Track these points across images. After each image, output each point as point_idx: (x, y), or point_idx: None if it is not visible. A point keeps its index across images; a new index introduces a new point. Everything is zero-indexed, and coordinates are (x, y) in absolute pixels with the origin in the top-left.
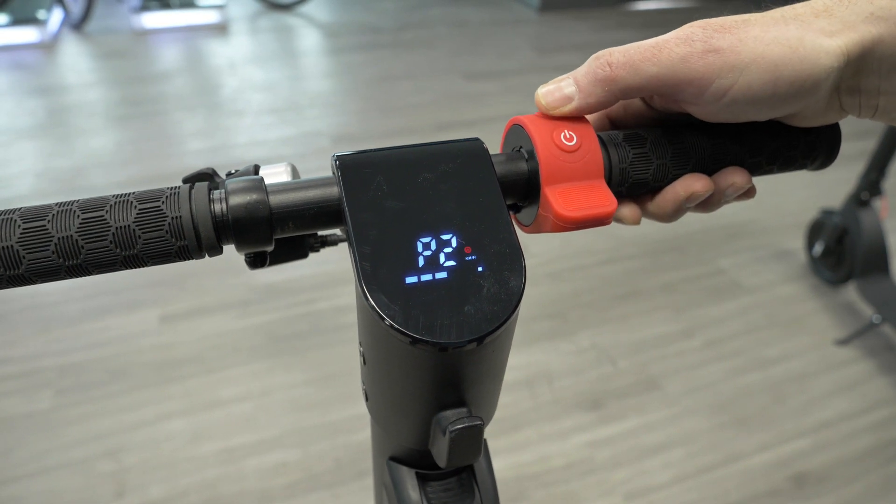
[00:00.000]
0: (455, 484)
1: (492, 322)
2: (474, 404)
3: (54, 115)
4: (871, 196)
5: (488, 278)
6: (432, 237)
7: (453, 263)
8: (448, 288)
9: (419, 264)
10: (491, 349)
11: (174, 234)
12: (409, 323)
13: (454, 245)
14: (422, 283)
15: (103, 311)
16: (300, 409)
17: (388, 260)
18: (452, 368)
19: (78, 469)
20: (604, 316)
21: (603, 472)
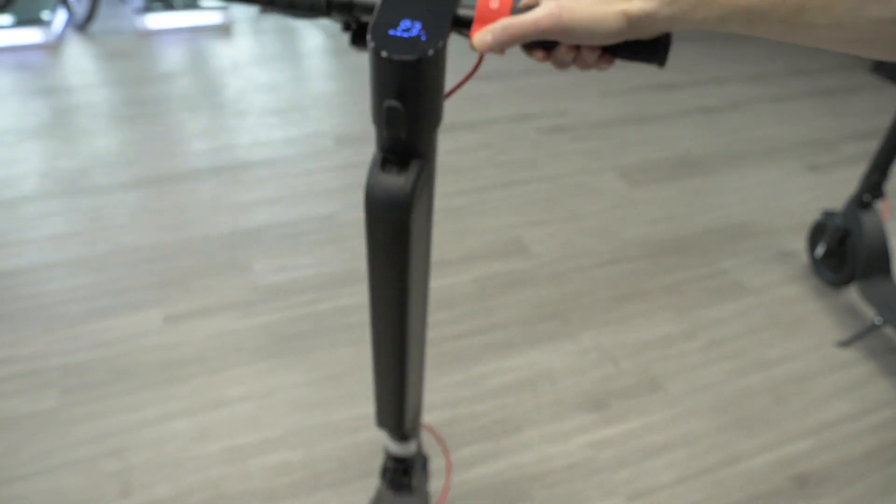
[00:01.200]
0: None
1: (415, 54)
2: (409, 107)
3: (59, 116)
4: (873, 198)
5: (426, 43)
6: (410, 21)
7: (413, 34)
8: (404, 41)
9: (398, 29)
10: (414, 70)
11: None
12: (380, 47)
13: (418, 28)
14: (395, 35)
15: (107, 312)
16: (304, 409)
17: (386, 24)
18: (393, 76)
19: (83, 468)
20: (606, 317)
21: (605, 473)
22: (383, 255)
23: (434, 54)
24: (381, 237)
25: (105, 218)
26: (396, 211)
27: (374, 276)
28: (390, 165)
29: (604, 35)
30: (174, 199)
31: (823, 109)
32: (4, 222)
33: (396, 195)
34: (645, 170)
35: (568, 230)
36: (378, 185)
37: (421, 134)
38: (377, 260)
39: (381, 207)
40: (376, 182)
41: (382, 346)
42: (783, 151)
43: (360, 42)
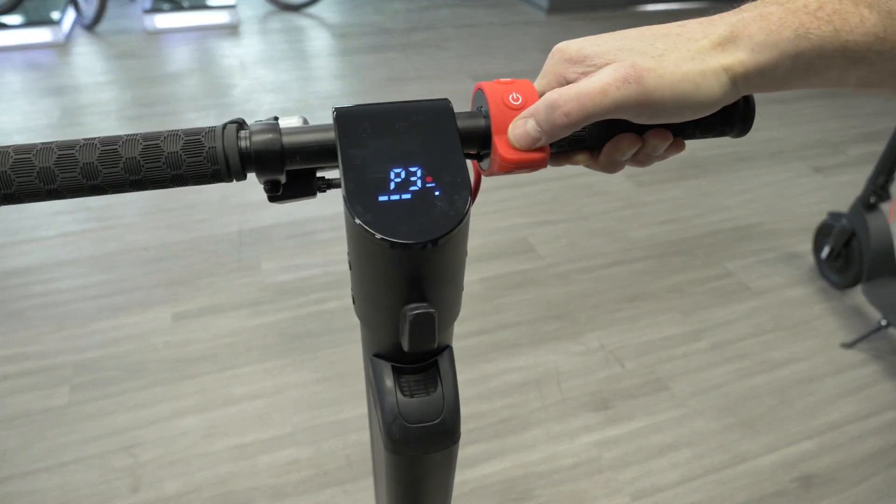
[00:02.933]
0: (423, 377)
1: (442, 229)
2: (435, 302)
3: (68, 115)
4: (878, 200)
5: (442, 200)
6: (403, 168)
7: (417, 188)
8: (411, 205)
9: (391, 188)
10: (443, 252)
11: (210, 160)
12: (378, 227)
13: (419, 175)
14: (391, 201)
15: (117, 309)
16: (312, 407)
17: (368, 184)
18: (414, 266)
19: (94, 464)
20: (612, 317)
21: (610, 472)
22: (420, 495)
23: (467, 215)
24: (415, 479)
25: (114, 217)
26: (441, 443)
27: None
28: (410, 379)
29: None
30: (183, 199)
31: (829, 111)
32: (15, 221)
33: (437, 422)
34: (651, 171)
35: (574, 231)
36: (402, 415)
37: (448, 324)
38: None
39: (415, 445)
40: (398, 412)
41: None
42: (789, 153)
43: (292, 194)
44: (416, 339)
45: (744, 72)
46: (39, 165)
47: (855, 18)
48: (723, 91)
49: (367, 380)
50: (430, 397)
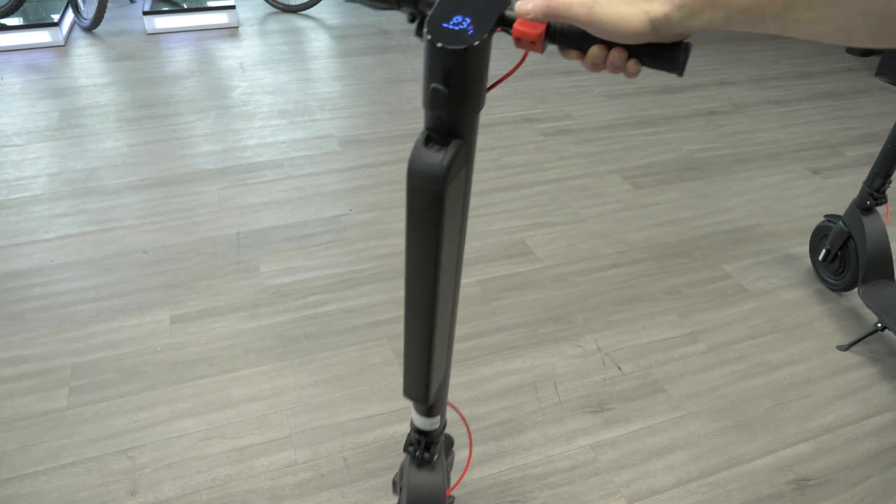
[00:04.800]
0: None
1: (461, 44)
2: (452, 90)
3: (67, 117)
4: (875, 203)
5: (473, 35)
6: (461, 17)
7: (463, 27)
8: (455, 33)
9: (451, 23)
10: (458, 58)
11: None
12: (434, 37)
13: (468, 22)
14: (447, 27)
15: (116, 312)
16: (309, 410)
17: (440, 18)
18: (442, 60)
19: (92, 467)
20: (609, 319)
21: (607, 475)
22: (420, 224)
23: (478, 46)
24: (419, 207)
25: (113, 219)
26: (433, 183)
27: (410, 245)
28: (432, 143)
29: (628, 33)
30: (181, 201)
31: (827, 113)
32: (15, 223)
33: (434, 169)
34: (649, 173)
35: (572, 233)
36: (418, 158)
37: (462, 117)
38: (414, 229)
39: (420, 179)
40: (417, 156)
41: (414, 314)
42: (786, 155)
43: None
44: (432, 105)
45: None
46: None
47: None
48: (642, 27)
49: None
50: (436, 154)
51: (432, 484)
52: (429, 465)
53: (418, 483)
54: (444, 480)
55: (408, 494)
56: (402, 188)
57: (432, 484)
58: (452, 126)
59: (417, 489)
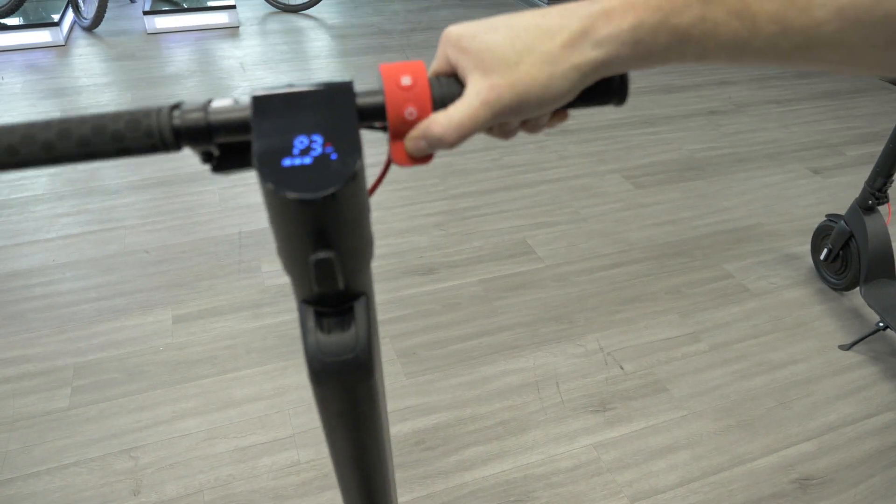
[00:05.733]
0: (340, 319)
1: (334, 185)
2: (340, 248)
3: None
4: (877, 202)
5: (337, 163)
6: (306, 138)
7: (317, 154)
8: (310, 169)
9: (294, 153)
10: (339, 205)
11: (147, 135)
12: (281, 186)
13: (319, 143)
14: (294, 166)
15: (118, 312)
16: (311, 410)
17: (275, 151)
18: (313, 218)
19: (95, 466)
20: (611, 319)
21: (609, 474)
22: (347, 426)
23: (354, 177)
24: (341, 409)
25: (115, 219)
26: (355, 375)
27: (335, 449)
28: (328, 320)
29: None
30: (183, 201)
31: (827, 112)
32: (17, 223)
33: (351, 357)
34: (650, 172)
35: (573, 232)
36: (321, 350)
37: (359, 272)
38: (337, 436)
39: (334, 377)
40: (318, 348)
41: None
42: (787, 154)
43: (228, 166)
44: (322, 282)
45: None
46: (6, 142)
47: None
48: (571, 85)
49: (300, 322)
50: (345, 334)
51: None
52: None
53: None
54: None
55: None
56: (404, 187)
57: None
58: (349, 287)
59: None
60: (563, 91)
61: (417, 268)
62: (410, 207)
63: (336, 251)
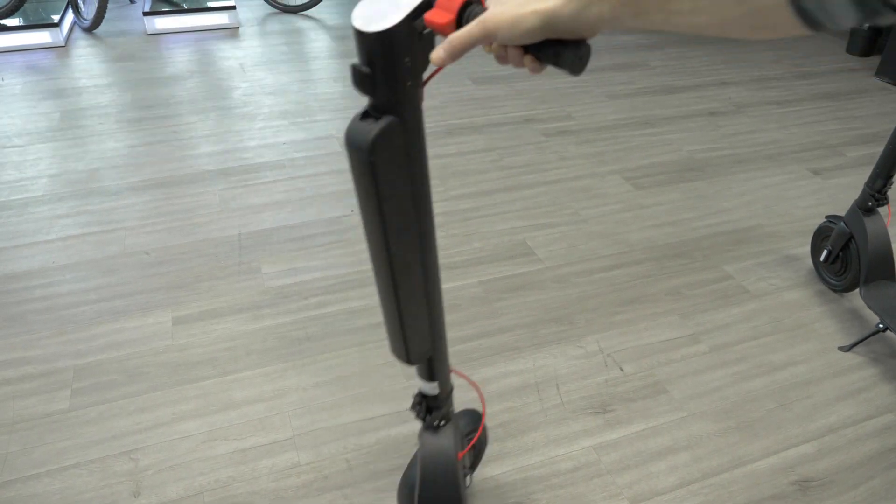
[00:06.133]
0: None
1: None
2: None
3: (68, 118)
4: (876, 204)
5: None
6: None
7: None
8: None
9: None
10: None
11: None
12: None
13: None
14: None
15: (117, 314)
16: (312, 412)
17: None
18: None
19: (95, 468)
20: (611, 320)
21: (609, 476)
22: (360, 189)
23: (394, 31)
24: (355, 173)
25: (115, 220)
26: (362, 153)
27: (361, 211)
28: (368, 117)
29: (522, 34)
30: (182, 202)
31: (827, 113)
32: (16, 224)
33: (360, 138)
34: (650, 173)
35: (573, 233)
36: (352, 129)
37: (393, 95)
38: (358, 195)
39: (352, 149)
40: (351, 127)
41: (376, 273)
42: (787, 155)
43: None
44: (354, 84)
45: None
46: None
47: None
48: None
49: None
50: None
51: (443, 446)
52: (436, 428)
53: (431, 445)
54: (456, 443)
55: (422, 457)
56: None
57: (443, 446)
58: (384, 104)
59: (430, 451)
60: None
61: None
62: None
63: (370, 69)
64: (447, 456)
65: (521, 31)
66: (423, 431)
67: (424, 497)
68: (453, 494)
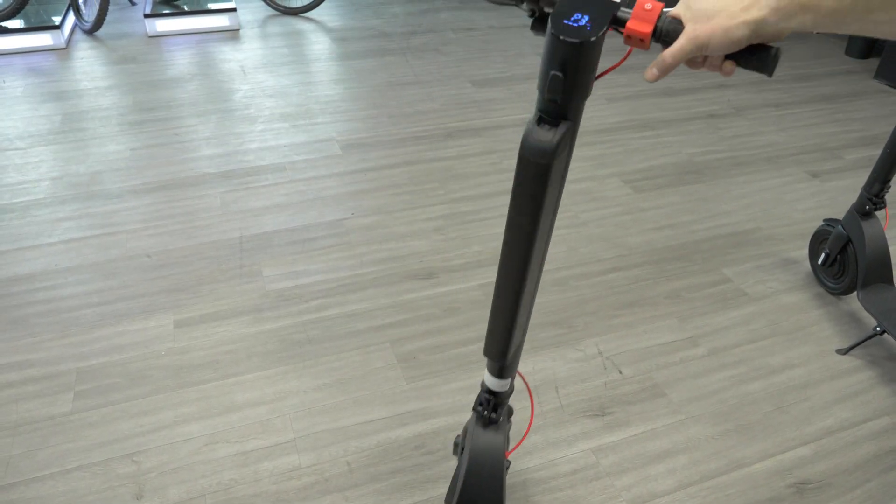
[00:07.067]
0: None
1: (586, 37)
2: (567, 76)
3: (69, 121)
4: (874, 207)
5: (590, 32)
6: (580, 14)
7: (582, 24)
8: (575, 29)
9: (571, 19)
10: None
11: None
12: (558, 30)
13: (586, 20)
14: (567, 24)
15: (120, 316)
16: (313, 414)
17: (561, 17)
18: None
19: (98, 471)
20: (610, 323)
21: (608, 478)
22: (526, 194)
23: (594, 41)
24: (527, 179)
25: (116, 223)
26: (542, 157)
27: (513, 213)
28: (544, 122)
29: (732, 43)
30: (184, 205)
31: (826, 116)
32: (18, 227)
33: (544, 145)
34: (649, 176)
35: (572, 236)
36: (531, 135)
37: (572, 101)
38: (520, 198)
39: (531, 153)
40: (531, 132)
41: (508, 276)
42: (786, 158)
43: (538, 28)
44: (550, 91)
45: (755, 21)
46: None
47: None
48: (742, 35)
49: None
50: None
51: (495, 444)
52: (494, 425)
53: (482, 442)
54: (505, 442)
55: (471, 452)
56: (404, 191)
57: (495, 444)
58: (563, 109)
59: (480, 447)
60: (736, 38)
61: (417, 272)
62: (411, 212)
63: (564, 76)
64: (496, 452)
65: (732, 41)
66: (475, 427)
67: (467, 492)
68: (496, 492)
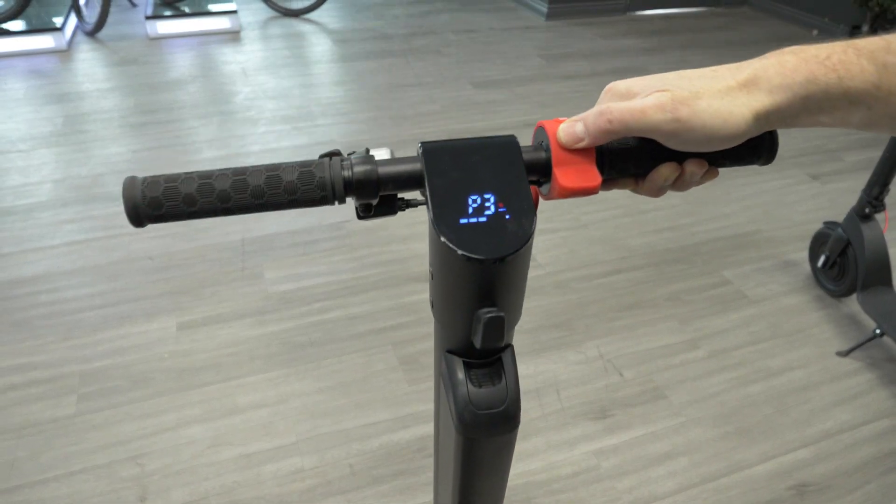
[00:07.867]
0: (489, 370)
1: (512, 248)
2: (503, 306)
3: (71, 123)
4: (873, 210)
5: (512, 223)
6: (479, 196)
7: (491, 213)
8: (485, 227)
9: (469, 212)
10: (511, 266)
11: (320, 188)
12: (460, 245)
13: (492, 201)
14: (469, 223)
15: (123, 319)
16: (315, 417)
17: (450, 209)
18: (487, 277)
19: (102, 473)
20: (610, 326)
21: (609, 481)
22: (483, 473)
23: (532, 235)
24: (482, 459)
25: (119, 226)
26: (504, 427)
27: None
28: (478, 372)
29: (726, 138)
30: None
31: None
32: (21, 230)
33: (501, 409)
34: None
35: (574, 239)
36: (470, 401)
37: (511, 326)
38: (472, 484)
39: (484, 431)
40: (466, 398)
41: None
42: (786, 160)
43: (378, 213)
44: (488, 338)
45: (764, 110)
46: (185, 192)
47: (856, 68)
48: (747, 126)
49: (439, 373)
50: (495, 388)
51: None
52: None
53: None
54: None
55: None
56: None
57: None
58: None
59: None
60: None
61: (419, 274)
62: (411, 214)
63: (501, 308)
64: None
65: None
66: None
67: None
68: None
